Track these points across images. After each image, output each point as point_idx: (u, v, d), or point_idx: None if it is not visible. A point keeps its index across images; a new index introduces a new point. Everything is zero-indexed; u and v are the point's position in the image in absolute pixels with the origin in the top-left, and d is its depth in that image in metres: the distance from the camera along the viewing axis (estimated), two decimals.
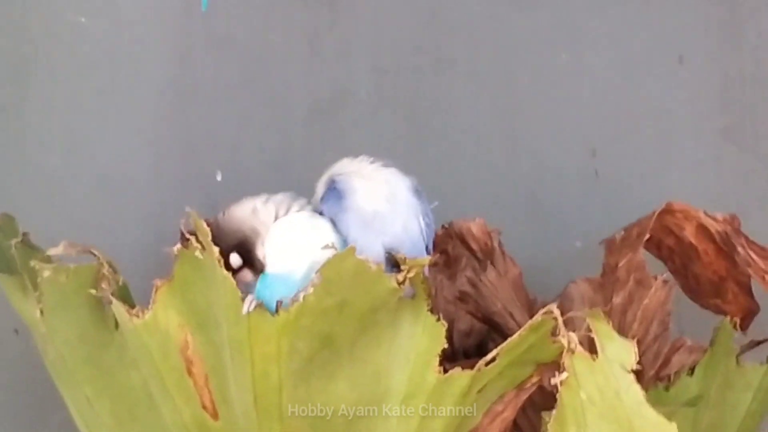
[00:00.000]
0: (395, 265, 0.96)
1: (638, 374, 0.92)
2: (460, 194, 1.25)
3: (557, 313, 0.94)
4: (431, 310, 0.97)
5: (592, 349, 0.93)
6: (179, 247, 0.97)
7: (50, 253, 1.00)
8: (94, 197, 1.21)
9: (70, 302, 1.00)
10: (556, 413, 0.93)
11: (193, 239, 0.96)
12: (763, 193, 1.31)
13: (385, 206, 1.00)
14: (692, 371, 1.12)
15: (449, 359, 0.99)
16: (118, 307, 0.99)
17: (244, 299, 0.94)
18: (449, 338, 0.97)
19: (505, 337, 0.99)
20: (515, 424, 1.04)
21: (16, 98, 1.21)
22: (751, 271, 1.10)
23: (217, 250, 0.94)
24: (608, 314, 0.97)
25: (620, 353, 0.92)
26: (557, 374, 0.93)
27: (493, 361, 0.96)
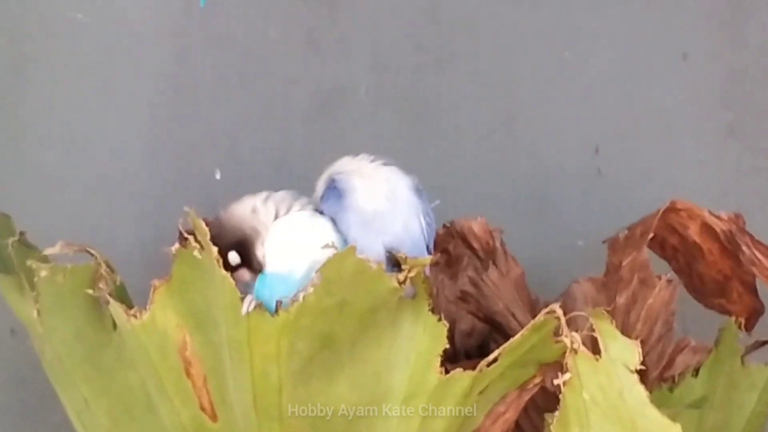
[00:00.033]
0: (396, 264, 0.95)
1: (642, 375, 0.91)
2: (461, 193, 1.25)
3: (560, 312, 0.94)
4: (432, 310, 0.96)
5: (595, 349, 0.92)
6: (177, 246, 0.97)
7: (47, 252, 1.00)
8: (91, 196, 1.21)
9: (67, 302, 1.00)
10: (558, 414, 0.93)
11: (191, 239, 0.95)
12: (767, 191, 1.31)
13: (385, 205, 0.99)
14: (697, 372, 1.12)
15: (450, 360, 0.99)
16: (115, 307, 0.99)
17: (243, 299, 0.94)
18: (450, 338, 0.97)
19: (507, 337, 0.99)
20: (517, 425, 1.04)
21: (12, 96, 1.21)
22: (756, 270, 1.11)
23: (215, 249, 0.93)
24: (611, 314, 0.95)
25: (624, 353, 0.92)
26: (560, 375, 0.93)
27: (494, 361, 0.96)
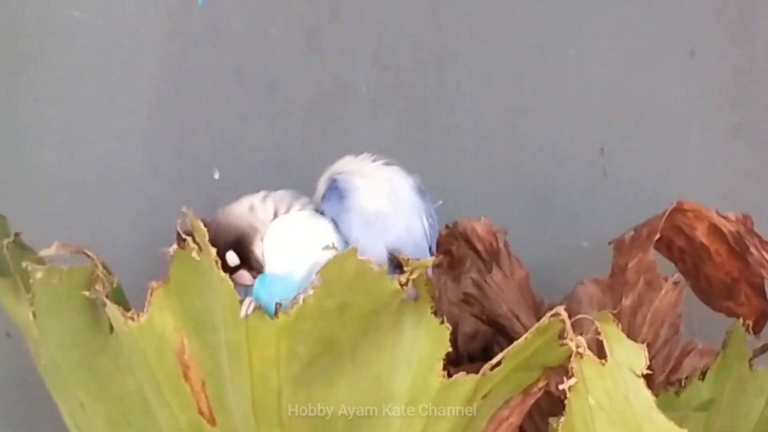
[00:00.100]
0: (398, 266, 0.95)
1: (648, 379, 0.91)
2: (464, 193, 1.25)
3: (565, 315, 0.93)
4: (435, 312, 0.96)
5: (600, 352, 0.92)
6: (175, 247, 0.96)
7: (43, 253, 1.00)
8: (87, 196, 1.21)
9: (63, 305, 1.00)
10: (564, 420, 0.93)
11: (189, 240, 0.95)
12: None
13: (387, 206, 0.99)
14: (704, 375, 1.11)
15: (453, 363, 0.99)
16: (112, 309, 0.98)
17: (242, 301, 0.93)
18: (453, 341, 0.97)
19: (511, 340, 0.98)
20: (521, 430, 1.04)
21: (8, 94, 1.21)
22: (764, 272, 1.10)
23: (214, 251, 0.93)
24: (617, 317, 0.95)
25: (630, 357, 0.91)
26: (565, 379, 0.92)
27: (498, 365, 0.96)
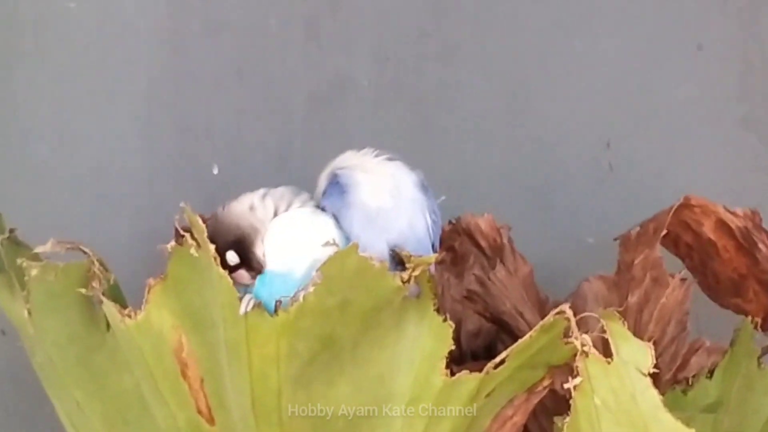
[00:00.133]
0: (400, 262, 0.95)
1: (655, 377, 0.90)
2: (467, 189, 1.25)
3: (570, 313, 0.93)
4: (437, 309, 0.96)
5: (606, 351, 0.91)
6: (174, 244, 0.96)
7: (38, 250, 0.99)
8: (84, 191, 1.21)
9: (59, 302, 0.99)
10: (569, 420, 0.92)
11: (188, 236, 0.94)
12: None
13: (389, 202, 0.99)
14: (711, 374, 1.11)
15: (456, 361, 0.99)
16: (109, 307, 0.98)
17: (241, 299, 0.93)
18: (456, 339, 0.97)
19: (515, 338, 0.98)
20: (526, 429, 1.04)
21: (3, 88, 1.20)
22: None
23: (213, 247, 0.93)
24: (623, 314, 0.94)
25: (636, 355, 0.90)
26: (570, 378, 0.92)
27: (502, 363, 0.96)
